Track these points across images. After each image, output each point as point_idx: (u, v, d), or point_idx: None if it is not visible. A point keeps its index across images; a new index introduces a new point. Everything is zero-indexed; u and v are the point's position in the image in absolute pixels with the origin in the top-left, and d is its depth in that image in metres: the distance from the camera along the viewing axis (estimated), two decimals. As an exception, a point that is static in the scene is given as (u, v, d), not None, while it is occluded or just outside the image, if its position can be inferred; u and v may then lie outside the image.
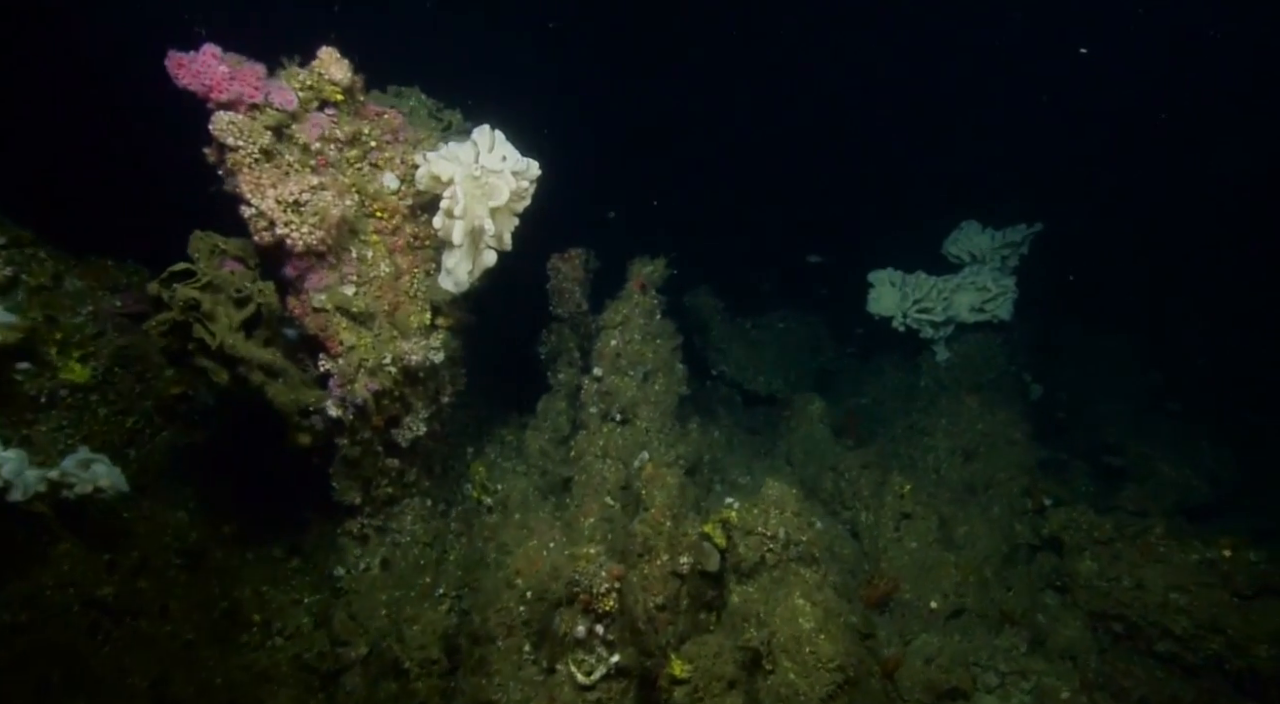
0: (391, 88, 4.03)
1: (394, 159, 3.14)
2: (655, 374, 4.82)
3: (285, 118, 2.67)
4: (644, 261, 5.05)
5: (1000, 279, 6.68)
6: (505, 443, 5.21)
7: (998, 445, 5.64)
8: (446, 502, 4.53)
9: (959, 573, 4.67)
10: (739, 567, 3.92)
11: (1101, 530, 4.62)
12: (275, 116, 2.64)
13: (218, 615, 3.55)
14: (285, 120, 2.68)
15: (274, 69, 2.71)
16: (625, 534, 3.81)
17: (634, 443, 4.56)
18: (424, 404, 3.77)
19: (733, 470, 5.68)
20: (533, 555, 3.60)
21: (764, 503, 3.96)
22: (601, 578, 3.03)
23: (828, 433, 6.11)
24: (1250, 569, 4.05)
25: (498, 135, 3.28)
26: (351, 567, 3.64)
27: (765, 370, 7.49)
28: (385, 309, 3.13)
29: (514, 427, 5.27)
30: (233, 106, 2.57)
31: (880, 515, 4.89)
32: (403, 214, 3.19)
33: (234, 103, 2.56)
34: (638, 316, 4.85)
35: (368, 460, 3.56)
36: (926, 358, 6.94)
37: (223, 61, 2.51)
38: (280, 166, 2.67)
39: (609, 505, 4.20)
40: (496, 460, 5.06)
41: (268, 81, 2.65)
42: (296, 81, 2.73)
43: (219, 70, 2.47)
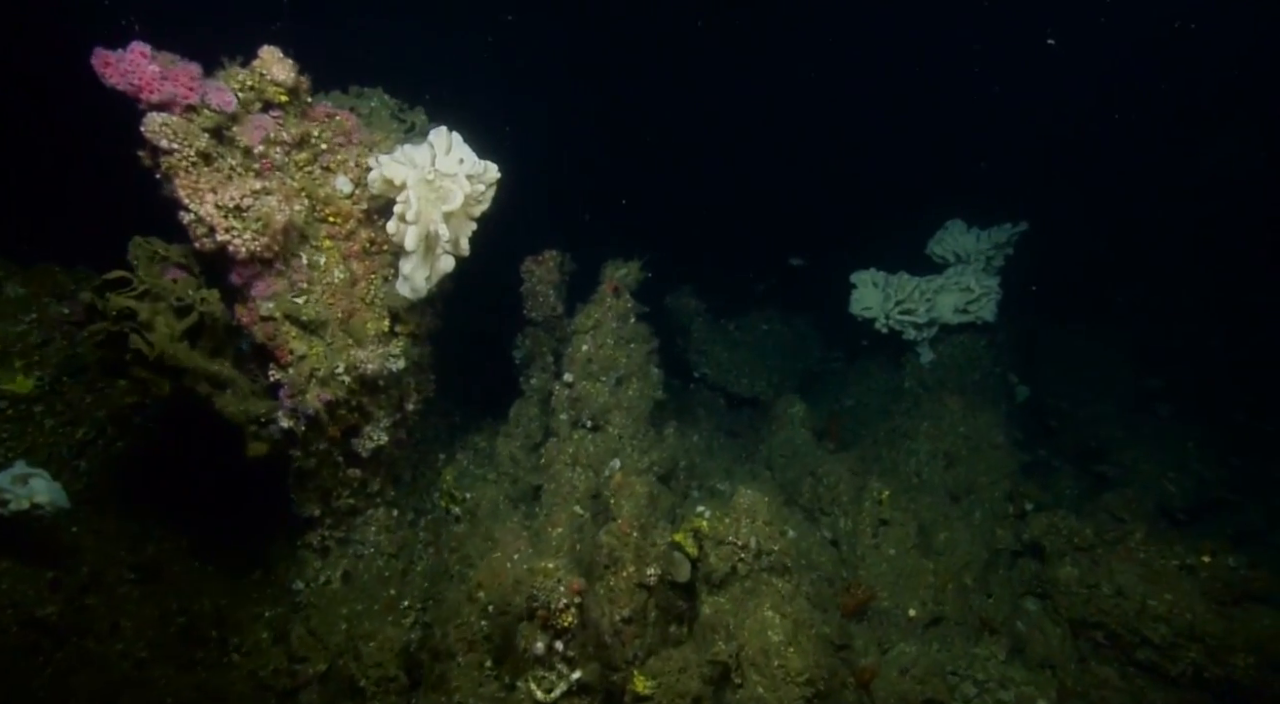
0: (353, 88, 3.94)
1: (347, 162, 3.05)
2: (629, 379, 4.74)
3: (224, 120, 2.57)
4: (617, 264, 4.97)
5: (984, 279, 6.62)
6: (479, 449, 5.12)
7: (979, 449, 5.57)
8: (416, 510, 4.45)
9: (937, 580, 4.60)
10: (710, 577, 3.84)
11: (1082, 536, 4.56)
12: (213, 118, 2.54)
13: (174, 631, 3.45)
14: (224, 122, 2.58)
15: (213, 70, 2.62)
16: (593, 545, 3.73)
17: (606, 450, 4.48)
18: (386, 413, 3.68)
19: (711, 476, 5.60)
20: (496, 568, 3.51)
21: (735, 512, 3.89)
22: (560, 593, 2.94)
23: (809, 436, 6.04)
24: (1229, 575, 3.99)
25: (455, 137, 3.19)
26: (311, 580, 3.55)
27: (748, 372, 7.41)
28: (339, 317, 3.04)
29: (488, 432, 5.18)
30: (166, 107, 2.47)
31: (859, 522, 4.81)
32: (357, 219, 3.10)
33: (168, 104, 2.46)
34: (610, 320, 4.77)
35: (326, 471, 3.46)
36: (911, 359, 6.88)
37: (153, 60, 2.41)
38: (220, 170, 2.58)
39: (578, 515, 4.12)
40: (469, 467, 4.97)
41: (204, 82, 2.55)
42: (236, 82, 2.63)
43: (148, 70, 2.37)
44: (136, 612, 3.35)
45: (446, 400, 6.01)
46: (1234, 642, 3.75)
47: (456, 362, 6.67)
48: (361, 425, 3.50)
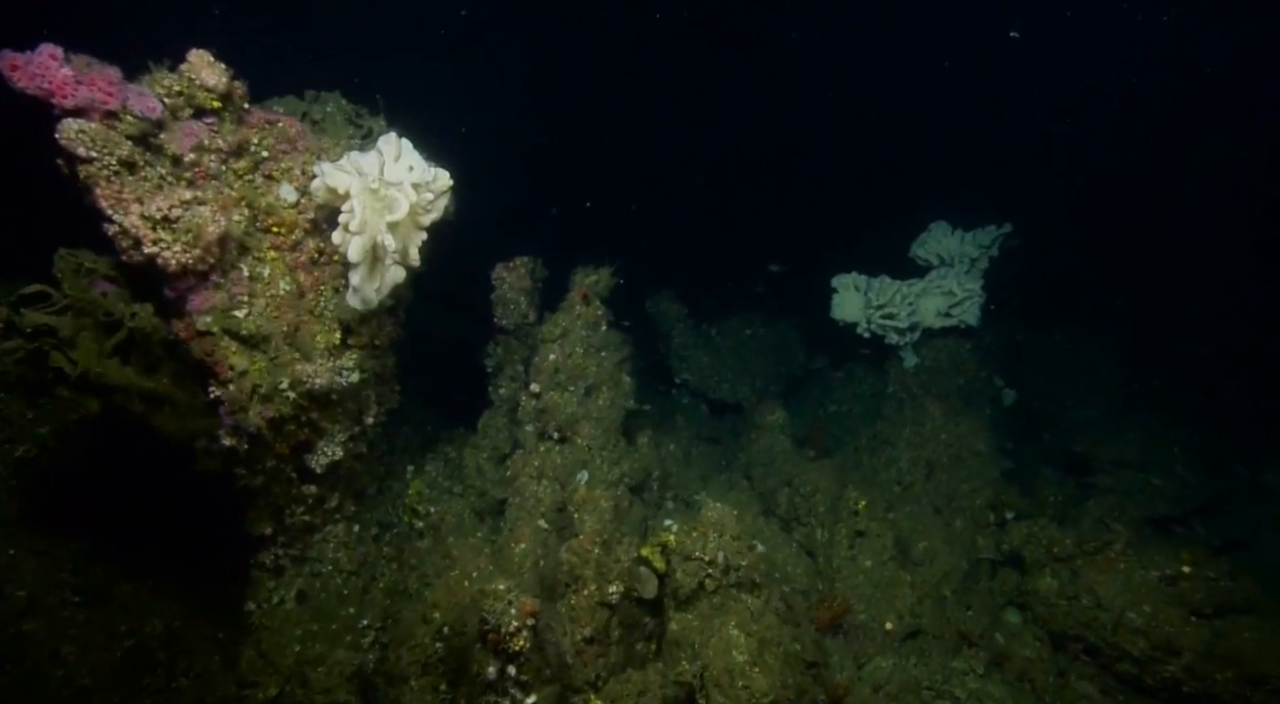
0: (309, 93, 3.84)
1: (292, 170, 2.94)
2: (599, 388, 4.64)
3: (148, 127, 2.46)
4: (587, 271, 4.87)
5: (966, 283, 6.53)
6: (449, 460, 5.01)
7: (961, 456, 5.48)
8: (381, 524, 4.34)
9: (915, 592, 4.50)
10: (677, 593, 3.74)
11: (1061, 546, 4.46)
12: (136, 125, 2.43)
13: (120, 656, 3.34)
14: (149, 129, 2.47)
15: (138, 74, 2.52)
16: (555, 562, 3.63)
17: (574, 462, 4.37)
18: (342, 427, 3.58)
19: (688, 485, 5.50)
20: (453, 587, 3.41)
21: (702, 526, 3.78)
22: (511, 616, 2.84)
23: (789, 444, 5.94)
24: (1210, 586, 3.90)
25: (404, 144, 3.09)
26: (264, 600, 3.44)
27: (729, 378, 7.32)
28: (284, 330, 2.93)
29: (459, 443, 5.07)
30: (84, 113, 2.36)
31: (835, 532, 4.72)
32: (304, 228, 3.00)
33: (85, 109, 2.35)
34: (579, 328, 4.67)
35: (278, 488, 3.36)
36: (895, 364, 6.78)
37: (65, 63, 2.31)
38: (148, 180, 2.47)
39: (543, 530, 4.01)
40: (437, 479, 4.87)
41: (126, 86, 2.45)
42: (161, 87, 2.53)
43: (60, 73, 2.27)
44: (80, 636, 3.24)
45: (420, 409, 5.91)
46: (1214, 655, 3.66)
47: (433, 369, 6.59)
48: (314, 441, 3.39)
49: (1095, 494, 5.63)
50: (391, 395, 4.25)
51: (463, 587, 3.44)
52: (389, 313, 4.01)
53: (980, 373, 6.85)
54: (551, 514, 4.09)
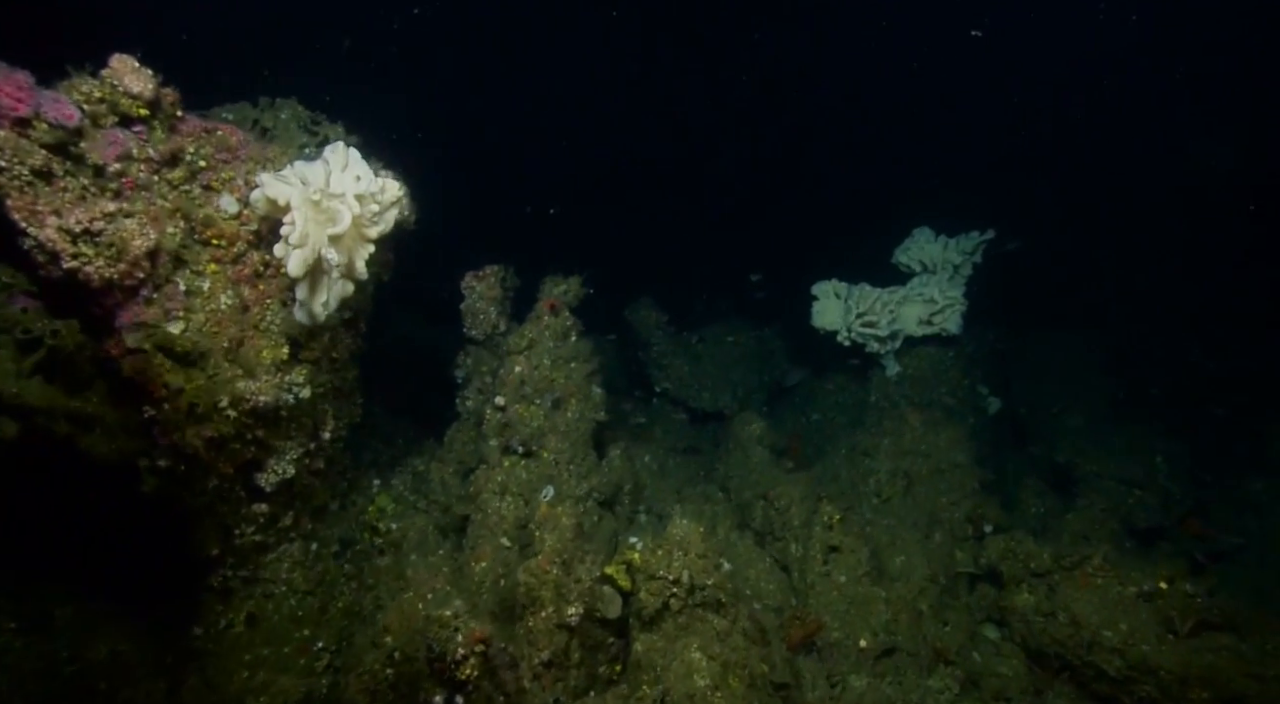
0: (263, 100, 3.74)
1: (233, 180, 2.84)
2: (567, 401, 4.54)
3: (65, 135, 2.36)
4: (556, 280, 4.77)
5: (948, 290, 6.45)
6: (417, 474, 4.90)
7: (940, 467, 5.39)
8: (343, 542, 4.22)
9: (890, 608, 4.40)
10: (641, 614, 3.64)
11: (1039, 561, 4.37)
12: (52, 133, 2.33)
13: (58, 686, 3.21)
14: (66, 137, 2.37)
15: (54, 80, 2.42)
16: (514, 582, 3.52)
17: (540, 477, 4.27)
18: (296, 443, 3.47)
19: (662, 499, 5.40)
20: (406, 609, 3.30)
21: (667, 544, 3.68)
22: (457, 643, 2.73)
23: (767, 456, 5.83)
24: (1186, 603, 3.81)
25: (352, 154, 3.00)
26: (211, 625, 3.32)
27: (710, 386, 7.23)
28: (224, 346, 2.83)
29: (427, 456, 4.97)
30: (-8, 121, 2.26)
31: (809, 547, 4.62)
32: (246, 240, 2.90)
33: (-6, 117, 2.25)
34: (547, 339, 4.57)
35: (225, 508, 3.25)
36: (877, 373, 6.70)
37: (-31, 71, 2.21)
38: (69, 190, 2.37)
39: (505, 548, 3.91)
40: (404, 494, 4.76)
41: (40, 92, 2.34)
42: (80, 93, 2.42)
43: (-39, 81, 2.17)
44: (15, 666, 3.11)
45: (391, 421, 5.80)
46: (1188, 675, 3.57)
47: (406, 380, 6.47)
48: (264, 458, 3.28)
49: (1076, 506, 5.55)
50: (352, 409, 4.14)
51: (416, 609, 3.33)
52: (346, 325, 3.91)
53: (963, 381, 6.78)
54: (514, 531, 3.98)
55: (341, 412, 3.98)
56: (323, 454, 3.84)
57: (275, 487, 3.36)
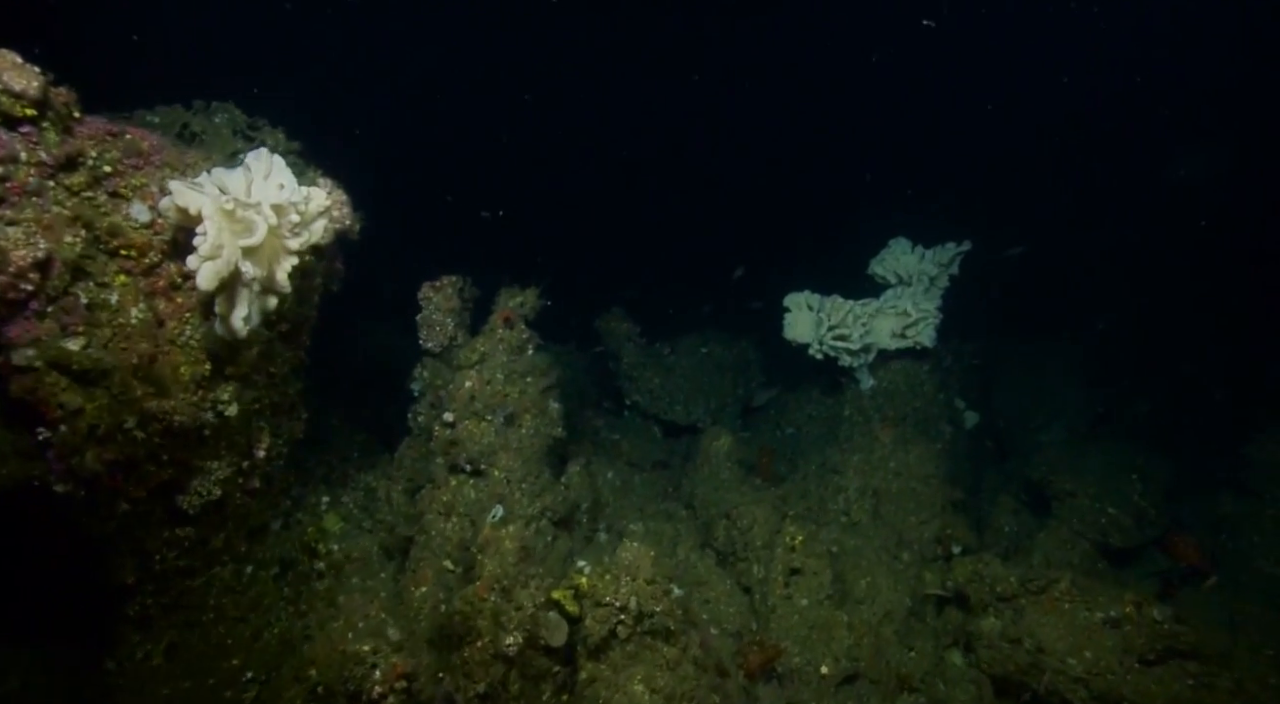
0: (197, 102, 3.61)
1: (145, 186, 2.70)
2: (521, 416, 4.39)
3: (-67, 140, 2.22)
4: (512, 292, 4.64)
5: (921, 303, 6.33)
6: (369, 491, 4.74)
7: (910, 485, 5.27)
8: (284, 563, 4.06)
9: (853, 633, 4.26)
10: (587, 642, 3.49)
11: (1005, 584, 4.24)
12: (-79, 139, 2.19)
13: (-36, 717, 3.04)
14: (-62, 143, 2.23)
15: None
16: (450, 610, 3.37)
17: (489, 496, 4.12)
18: (225, 463, 3.32)
19: (625, 516, 5.25)
20: (335, 639, 3.15)
21: (615, 568, 3.54)
22: (375, 680, 2.58)
23: (735, 472, 5.70)
24: (1152, 630, 3.68)
25: (276, 161, 2.86)
26: (125, 657, 3.15)
27: (683, 399, 7.09)
28: (133, 362, 2.68)
29: (379, 473, 4.81)
30: None
31: (771, 569, 4.48)
32: (160, 250, 2.76)
33: None
34: (500, 353, 4.43)
35: (142, 532, 3.08)
36: (851, 386, 6.58)
37: None
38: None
39: (448, 571, 3.75)
40: (352, 512, 4.60)
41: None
42: (-50, 94, 2.28)
43: None
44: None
45: (348, 436, 5.65)
46: (1155, 707, 3.44)
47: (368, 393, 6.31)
48: (185, 480, 3.13)
49: (1049, 526, 5.43)
50: (295, 425, 4.00)
51: (346, 639, 3.17)
52: (284, 338, 3.77)
53: (939, 395, 6.65)
54: (459, 554, 3.83)
55: (281, 428, 3.83)
56: (258, 473, 3.68)
57: (200, 508, 3.20)
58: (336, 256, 4.36)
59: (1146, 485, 5.87)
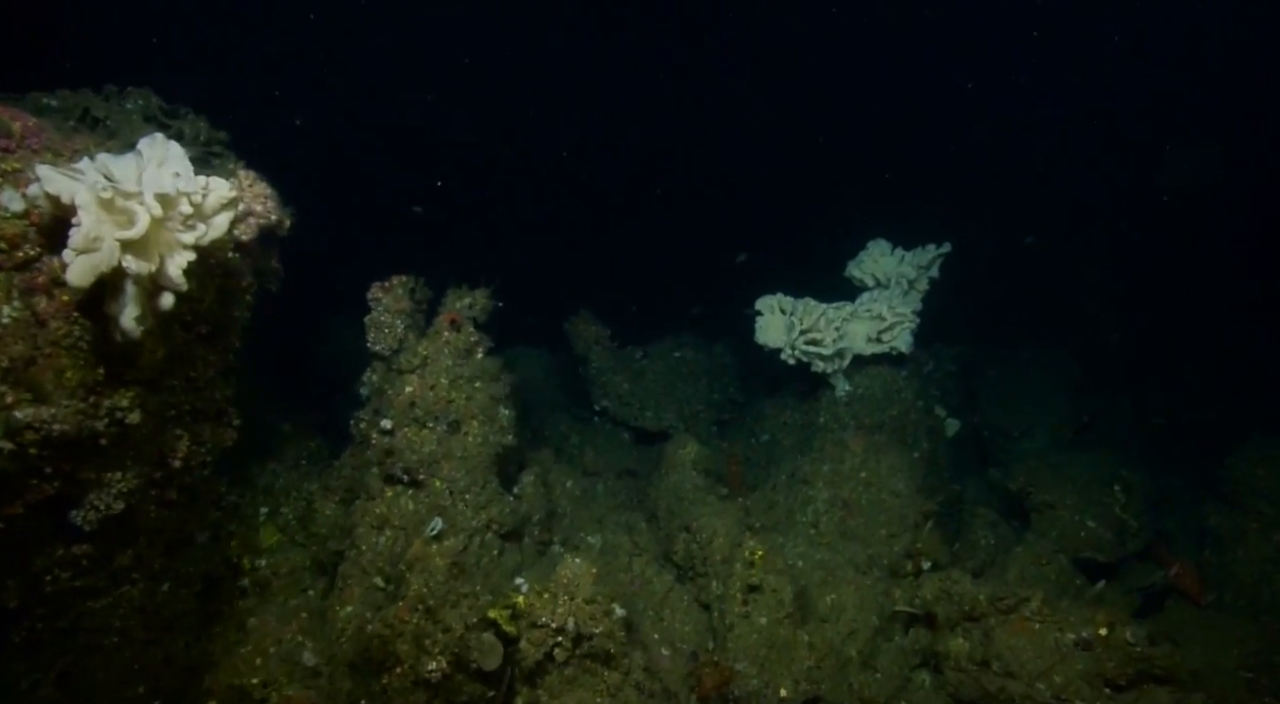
0: (108, 87, 3.39)
1: (19, 173, 2.49)
2: (467, 423, 4.17)
3: None
4: (460, 293, 4.42)
5: (897, 307, 6.12)
6: (311, 501, 4.50)
7: (881, 497, 5.05)
8: (211, 580, 3.83)
9: (814, 654, 4.04)
10: (522, 665, 3.26)
11: (975, 603, 4.02)
12: None
13: None
14: None
15: None
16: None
17: (430, 507, 3.89)
18: (130, 474, 3.08)
19: (583, 528, 5.03)
20: (241, 666, 2.91)
21: (554, 586, 3.32)
22: (262, 717, 2.35)
23: (700, 481, 5.47)
24: (1125, 653, 3.46)
25: (172, 147, 2.64)
26: (9, 687, 2.91)
27: (654, 405, 6.87)
28: (4, 366, 2.46)
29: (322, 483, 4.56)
30: None
31: (729, 585, 4.25)
32: (38, 243, 2.54)
33: None
34: (445, 357, 4.21)
35: (28, 552, 2.85)
36: (826, 393, 6.37)
37: None
38: None
39: (378, 589, 3.52)
40: (291, 523, 4.36)
41: None
42: None
43: None
44: None
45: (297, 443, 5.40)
46: (1127, 739, 3.23)
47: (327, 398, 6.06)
48: (78, 494, 2.89)
49: (1026, 539, 5.22)
50: (223, 432, 3.77)
51: (254, 665, 2.94)
52: (205, 341, 3.54)
53: (918, 402, 6.43)
54: (391, 570, 3.60)
55: (204, 436, 3.60)
56: (175, 484, 3.45)
57: (98, 524, 2.96)
58: (272, 254, 4.14)
59: (1129, 497, 5.66)
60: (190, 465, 3.53)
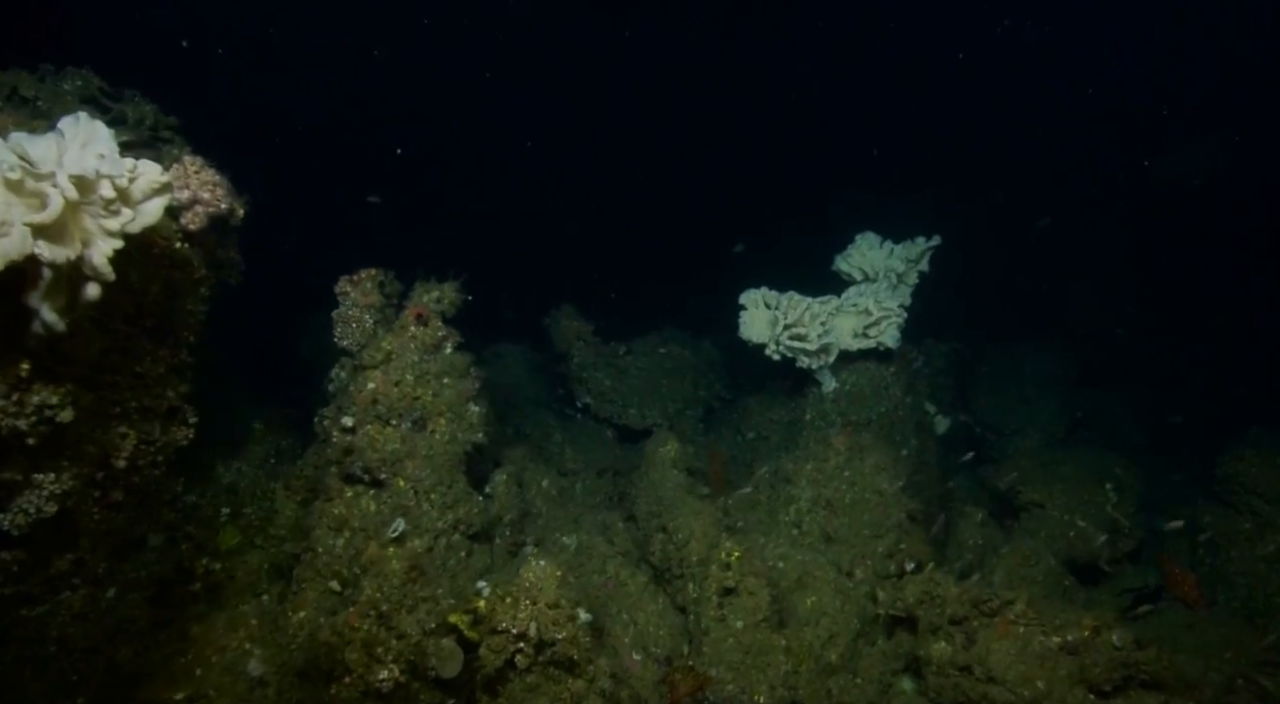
0: (44, 66, 3.23)
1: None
2: (434, 420, 4.02)
3: None
4: (428, 286, 4.27)
5: (884, 301, 5.97)
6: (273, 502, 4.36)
7: (864, 496, 4.90)
8: (165, 584, 3.68)
9: (792, 659, 3.90)
10: (481, 674, 3.12)
11: (958, 605, 3.88)
12: None
13: None
14: None
15: None
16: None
17: (392, 508, 3.74)
18: (63, 476, 2.94)
19: (559, 527, 4.88)
20: (178, 678, 2.77)
21: (516, 590, 3.18)
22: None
23: (681, 479, 5.31)
24: (1112, 657, 3.32)
25: (97, 127, 2.49)
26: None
27: (637, 402, 6.72)
28: (-86, 361, 2.32)
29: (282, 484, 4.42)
30: None
31: (705, 588, 4.11)
32: (-45, 232, 2.39)
33: None
34: (411, 352, 4.06)
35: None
36: (814, 389, 6.22)
37: None
38: None
39: (333, 594, 3.38)
40: (254, 524, 4.22)
41: None
42: None
43: None
44: None
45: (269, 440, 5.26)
46: (1112, 749, 3.09)
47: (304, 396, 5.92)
48: (7, 497, 2.74)
49: (1014, 539, 5.08)
50: (176, 430, 3.62)
51: (192, 676, 2.80)
52: (151, 335, 3.40)
53: (906, 399, 6.28)
54: (347, 574, 3.45)
55: (154, 434, 3.45)
56: (120, 485, 3.31)
57: (28, 528, 2.81)
58: (230, 246, 3.99)
59: (1121, 496, 5.53)
60: (138, 465, 3.38)
